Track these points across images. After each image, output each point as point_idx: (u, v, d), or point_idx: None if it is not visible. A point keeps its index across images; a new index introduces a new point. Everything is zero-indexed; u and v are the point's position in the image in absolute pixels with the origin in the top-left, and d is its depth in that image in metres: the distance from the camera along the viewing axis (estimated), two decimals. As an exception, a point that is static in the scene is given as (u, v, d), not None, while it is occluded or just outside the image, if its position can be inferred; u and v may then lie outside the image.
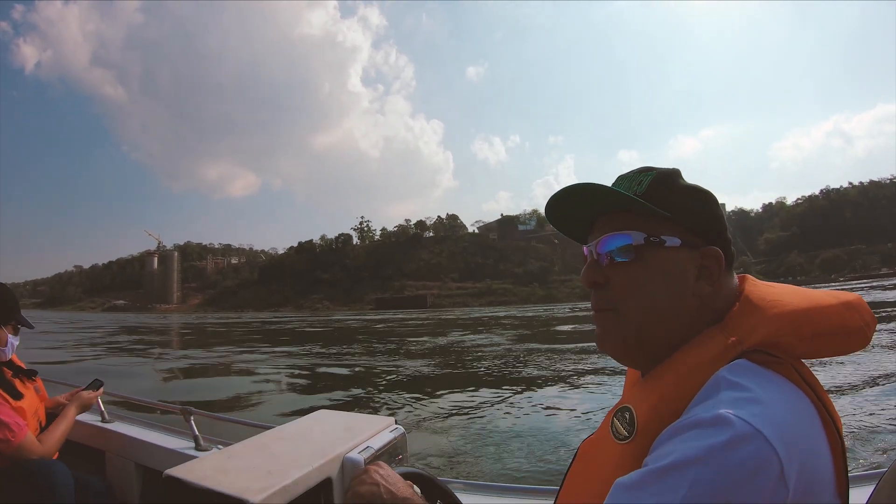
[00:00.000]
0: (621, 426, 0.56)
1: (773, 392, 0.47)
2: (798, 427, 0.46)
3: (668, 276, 0.58)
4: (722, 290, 0.59)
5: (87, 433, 2.12)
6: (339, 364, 12.33)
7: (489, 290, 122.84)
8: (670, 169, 0.63)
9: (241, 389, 8.58)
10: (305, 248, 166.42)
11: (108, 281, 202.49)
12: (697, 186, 0.62)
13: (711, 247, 0.59)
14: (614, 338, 0.61)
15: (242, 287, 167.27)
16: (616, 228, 0.60)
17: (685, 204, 0.60)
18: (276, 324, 43.48)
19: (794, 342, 0.53)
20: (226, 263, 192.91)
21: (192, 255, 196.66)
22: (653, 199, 0.59)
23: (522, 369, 10.27)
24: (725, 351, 0.53)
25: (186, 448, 1.82)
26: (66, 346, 19.39)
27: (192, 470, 0.82)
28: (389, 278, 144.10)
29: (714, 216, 0.61)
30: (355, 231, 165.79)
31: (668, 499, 0.42)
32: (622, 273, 0.60)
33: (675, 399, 0.52)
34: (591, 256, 0.63)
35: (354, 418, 1.15)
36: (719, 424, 0.43)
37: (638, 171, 0.63)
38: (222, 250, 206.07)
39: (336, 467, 0.92)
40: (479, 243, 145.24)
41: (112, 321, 50.61)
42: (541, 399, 7.34)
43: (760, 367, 0.50)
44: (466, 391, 7.95)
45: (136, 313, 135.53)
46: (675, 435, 0.46)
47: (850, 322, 0.54)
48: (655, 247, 0.58)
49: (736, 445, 0.42)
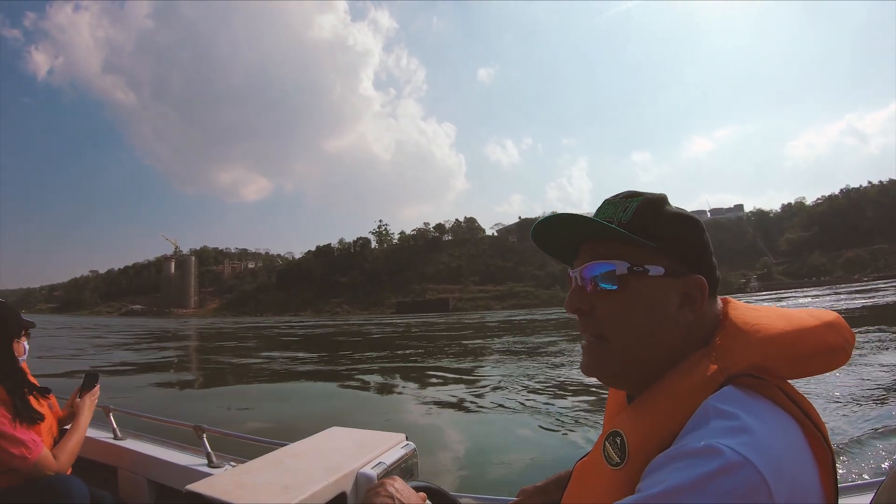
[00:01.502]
0: (613, 451, 0.57)
1: (761, 419, 0.49)
2: (785, 452, 0.47)
3: (652, 304, 0.59)
4: (706, 316, 0.60)
5: (100, 450, 2.14)
6: (364, 373, 12.24)
7: (511, 293, 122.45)
8: (657, 195, 0.64)
9: (254, 405, 8.56)
10: (324, 251, 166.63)
11: (124, 285, 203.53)
12: (683, 213, 0.63)
13: (695, 275, 0.60)
14: (600, 364, 0.62)
15: (260, 291, 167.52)
16: (600, 256, 0.61)
17: (670, 232, 0.61)
18: (307, 327, 43.11)
19: (780, 365, 0.55)
20: (243, 268, 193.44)
21: (208, 259, 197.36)
22: (638, 226, 0.61)
23: (541, 378, 10.10)
24: (712, 377, 0.54)
25: (199, 465, 1.83)
26: (84, 355, 18.81)
27: (211, 485, 0.84)
28: (409, 282, 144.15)
29: (699, 243, 0.62)
30: (373, 235, 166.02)
31: None
32: (606, 301, 0.61)
33: (665, 427, 0.54)
34: (575, 282, 0.64)
35: (366, 435, 1.17)
36: (710, 454, 0.45)
37: (624, 195, 0.64)
38: (239, 255, 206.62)
39: (350, 482, 0.94)
40: (498, 246, 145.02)
41: (134, 327, 49.95)
42: (561, 411, 7.20)
43: (747, 393, 0.52)
44: (480, 405, 7.88)
45: (154, 318, 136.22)
46: (666, 464, 0.47)
47: (833, 341, 0.57)
48: (639, 276, 0.59)
49: (726, 474, 0.43)
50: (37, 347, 15.82)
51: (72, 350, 20.60)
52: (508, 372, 11.27)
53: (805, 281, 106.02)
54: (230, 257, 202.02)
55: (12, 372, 1.70)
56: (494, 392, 8.70)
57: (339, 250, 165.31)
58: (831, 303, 31.65)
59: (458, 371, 11.67)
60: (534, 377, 10.20)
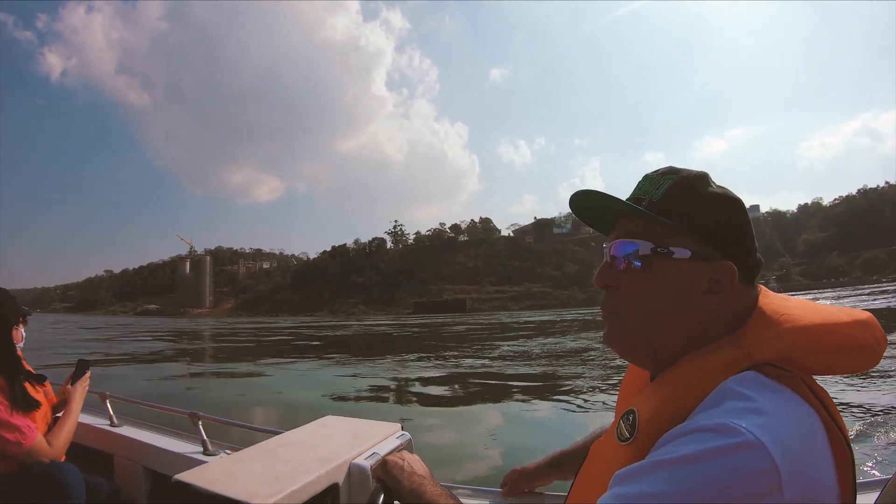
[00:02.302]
0: (625, 428, 0.57)
1: (780, 405, 0.47)
2: (803, 442, 0.46)
3: (674, 287, 0.58)
4: (736, 303, 0.58)
5: (96, 437, 2.14)
6: (366, 368, 12.09)
7: (528, 293, 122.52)
8: (697, 173, 0.61)
9: (252, 393, 8.49)
10: (339, 252, 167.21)
11: (138, 285, 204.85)
12: (724, 194, 0.60)
13: (725, 261, 0.57)
14: (617, 339, 0.62)
15: (276, 291, 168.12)
16: (629, 233, 0.61)
17: (703, 213, 0.58)
18: (331, 328, 42.75)
19: (806, 357, 0.53)
20: (257, 268, 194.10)
21: (223, 259, 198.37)
22: (668, 206, 0.59)
23: (540, 372, 10.02)
24: (735, 362, 0.53)
25: (194, 452, 1.82)
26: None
27: (200, 475, 0.83)
28: (426, 282, 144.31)
29: (737, 224, 0.59)
30: (389, 235, 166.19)
31: (662, 488, 0.43)
32: (630, 280, 0.60)
33: (679, 404, 0.53)
34: (605, 258, 0.64)
35: (361, 424, 1.15)
36: (721, 431, 0.44)
37: (662, 172, 0.62)
38: (253, 255, 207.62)
39: (343, 473, 0.93)
40: (514, 246, 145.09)
41: (150, 326, 49.67)
42: (560, 402, 7.16)
43: (769, 379, 0.50)
44: (478, 395, 7.84)
45: (169, 318, 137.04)
46: (675, 437, 0.47)
47: (862, 340, 0.54)
48: (663, 257, 0.58)
49: (735, 451, 0.43)
50: (43, 342, 14.87)
51: (76, 342, 20.77)
52: (509, 368, 11.19)
53: (824, 282, 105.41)
54: (245, 257, 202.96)
55: (11, 359, 1.69)
56: (495, 386, 8.61)
57: (354, 250, 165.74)
58: (852, 304, 31.13)
59: (459, 366, 11.58)
60: (534, 374, 10.04)
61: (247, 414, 6.87)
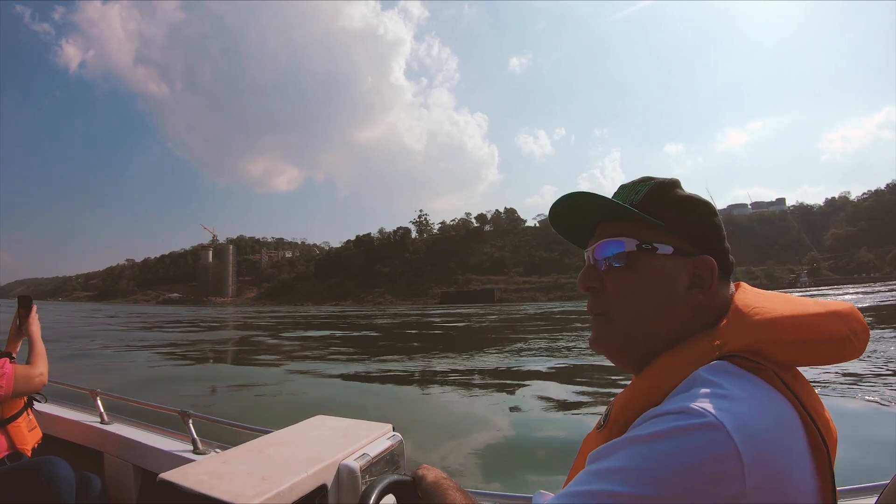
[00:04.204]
0: (603, 417, 0.62)
1: (750, 393, 0.48)
2: (771, 431, 0.46)
3: (660, 282, 0.60)
4: (716, 299, 0.60)
5: (87, 434, 2.13)
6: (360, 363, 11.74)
7: (557, 284, 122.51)
8: (669, 179, 0.65)
9: (244, 391, 8.37)
10: (363, 241, 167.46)
11: (160, 274, 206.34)
12: (694, 196, 0.64)
13: (705, 256, 0.60)
14: (606, 340, 0.63)
15: (299, 280, 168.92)
16: (611, 235, 0.62)
17: (680, 213, 0.61)
18: (356, 317, 41.26)
19: (776, 349, 0.53)
20: (279, 257, 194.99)
21: (245, 248, 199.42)
22: (648, 208, 0.61)
23: (539, 373, 9.56)
24: (707, 353, 0.54)
25: (184, 451, 1.82)
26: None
27: (186, 474, 0.81)
28: (452, 272, 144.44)
29: (710, 225, 0.62)
30: (414, 224, 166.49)
31: (624, 463, 0.46)
32: (615, 278, 0.62)
33: (650, 393, 0.55)
34: (588, 261, 0.65)
35: (352, 424, 1.14)
36: (683, 412, 0.46)
37: (638, 181, 0.66)
38: (275, 244, 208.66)
39: (331, 474, 0.92)
40: (542, 237, 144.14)
41: (177, 318, 46.80)
42: (560, 400, 6.97)
43: (741, 369, 0.51)
44: (470, 394, 7.67)
45: (192, 306, 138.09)
46: (644, 420, 0.49)
47: (837, 331, 0.54)
48: (647, 254, 0.60)
49: (695, 431, 0.44)
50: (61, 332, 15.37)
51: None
52: (507, 365, 10.86)
53: (854, 277, 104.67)
54: (267, 246, 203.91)
55: None
56: (490, 387, 8.43)
57: (378, 240, 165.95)
58: (884, 300, 30.61)
59: (456, 364, 11.24)
60: (532, 371, 9.75)
61: (238, 413, 6.66)
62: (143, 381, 9.32)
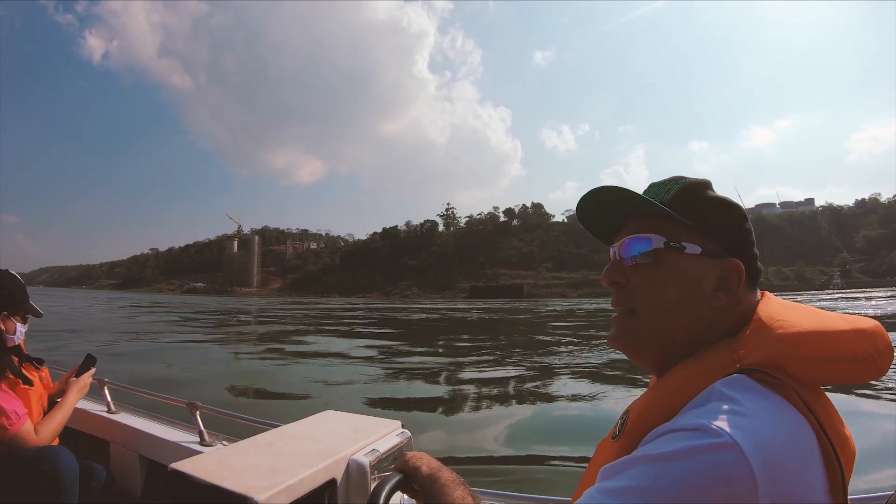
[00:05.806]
0: (618, 426, 0.60)
1: (766, 410, 0.47)
2: (787, 451, 0.45)
3: (686, 282, 0.59)
4: (740, 304, 0.59)
5: (93, 423, 2.15)
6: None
7: (586, 280, 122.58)
8: (700, 179, 0.64)
9: (253, 384, 8.17)
10: (390, 233, 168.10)
11: (185, 263, 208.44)
12: (725, 198, 0.63)
13: (733, 259, 0.59)
14: (628, 337, 0.62)
15: (325, 272, 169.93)
16: (639, 231, 0.62)
17: (710, 214, 0.61)
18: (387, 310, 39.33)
19: (796, 365, 0.51)
20: (304, 248, 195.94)
21: (269, 239, 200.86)
22: (678, 207, 0.61)
23: (548, 373, 9.26)
24: (726, 365, 0.53)
25: (191, 442, 1.82)
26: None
27: (196, 465, 0.82)
28: (481, 266, 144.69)
29: (739, 229, 0.62)
30: (441, 217, 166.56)
31: (638, 483, 0.45)
32: (641, 275, 0.61)
33: (667, 403, 0.54)
34: (614, 257, 0.65)
35: (361, 420, 1.15)
36: (698, 430, 0.45)
37: (669, 179, 0.65)
38: (300, 235, 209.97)
39: (341, 468, 0.93)
40: (571, 232, 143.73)
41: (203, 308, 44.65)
42: (578, 399, 6.82)
43: (759, 384, 0.50)
44: (482, 392, 7.56)
45: (217, 296, 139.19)
46: (658, 436, 0.48)
47: (860, 350, 0.52)
48: (675, 252, 0.59)
49: (710, 451, 0.43)
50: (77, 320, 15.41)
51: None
52: (525, 363, 10.55)
53: (886, 280, 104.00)
54: (292, 237, 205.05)
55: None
56: (500, 385, 8.21)
57: (405, 232, 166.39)
58: None
59: (468, 362, 10.89)
60: (542, 371, 9.49)
61: (245, 405, 6.69)
62: (152, 371, 9.09)
